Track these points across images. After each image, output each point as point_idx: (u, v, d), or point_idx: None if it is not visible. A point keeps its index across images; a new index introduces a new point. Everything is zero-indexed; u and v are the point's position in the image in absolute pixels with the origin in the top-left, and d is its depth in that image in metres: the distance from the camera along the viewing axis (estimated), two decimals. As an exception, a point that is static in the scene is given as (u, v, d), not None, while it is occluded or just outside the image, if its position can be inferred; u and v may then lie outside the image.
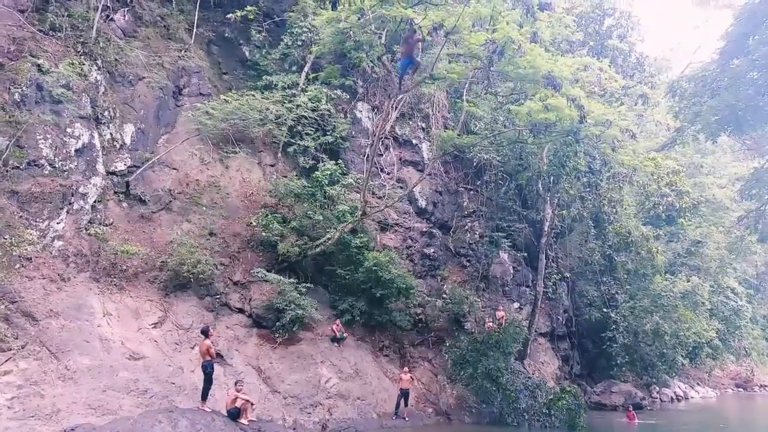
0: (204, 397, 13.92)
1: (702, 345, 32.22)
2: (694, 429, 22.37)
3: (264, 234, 19.17)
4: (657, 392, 31.25)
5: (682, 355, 31.75)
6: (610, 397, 26.80)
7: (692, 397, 34.45)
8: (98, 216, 16.46)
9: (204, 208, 18.60)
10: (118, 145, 17.81)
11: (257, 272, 18.42)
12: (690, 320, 29.57)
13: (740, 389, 42.41)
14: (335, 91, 22.41)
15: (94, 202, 16.39)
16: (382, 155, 24.36)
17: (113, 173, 17.41)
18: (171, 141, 19.27)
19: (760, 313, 47.28)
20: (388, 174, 24.42)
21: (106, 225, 16.51)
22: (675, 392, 32.97)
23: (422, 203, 25.35)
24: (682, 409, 30.20)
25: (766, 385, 44.56)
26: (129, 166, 17.81)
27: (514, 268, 27.61)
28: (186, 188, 18.75)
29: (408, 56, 16.21)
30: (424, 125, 26.31)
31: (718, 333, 33.97)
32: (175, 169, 18.92)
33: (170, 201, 18.35)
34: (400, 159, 25.20)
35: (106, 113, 17.42)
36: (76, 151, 16.00)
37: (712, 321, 33.06)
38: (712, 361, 37.40)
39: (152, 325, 15.75)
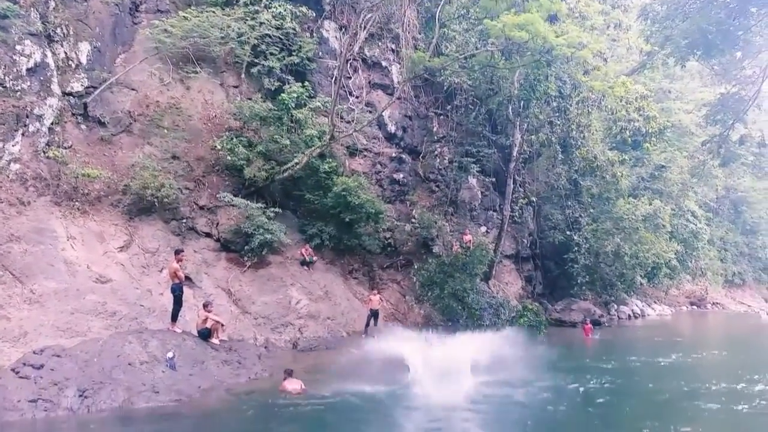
0: (174, 318, 14.12)
1: (660, 265, 33.55)
2: (647, 344, 23.69)
3: (229, 158, 18.85)
4: (615, 310, 32.74)
5: (640, 275, 33.12)
6: (570, 315, 27.98)
7: (648, 315, 36.22)
8: (56, 138, 15.93)
9: (165, 130, 18.08)
10: (73, 65, 17.00)
11: (224, 197, 18.25)
12: (650, 242, 30.65)
13: (694, 307, 44.70)
14: (300, 8, 21.50)
15: (51, 124, 15.79)
16: (350, 78, 23.80)
17: (69, 94, 16.70)
18: (129, 61, 18.46)
19: (717, 235, 49.26)
20: (357, 97, 23.97)
21: (65, 148, 16.02)
22: (632, 310, 34.59)
23: (391, 128, 25.10)
24: (639, 325, 31.79)
25: (718, 303, 47.07)
26: (86, 87, 17.09)
27: (482, 192, 27.95)
28: (146, 110, 18.17)
29: None
30: (393, 46, 25.61)
31: (677, 254, 35.33)
32: (134, 90, 18.24)
33: (130, 123, 17.80)
34: (369, 82, 24.69)
35: (58, 30, 16.50)
36: (28, 70, 15.21)
37: (671, 243, 34.29)
38: (670, 280, 39.07)
39: (118, 249, 15.66)
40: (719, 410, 12.27)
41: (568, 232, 29.65)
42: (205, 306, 14.65)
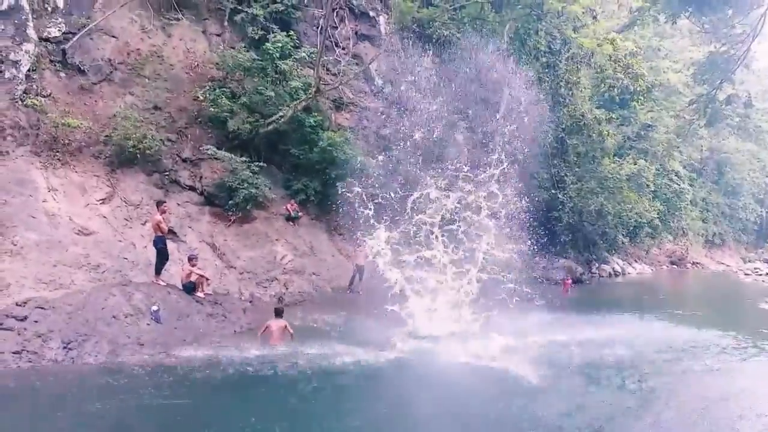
0: (158, 271, 14.02)
1: (642, 225, 33.98)
2: (617, 300, 24.19)
3: (212, 109, 18.38)
4: (596, 268, 33.26)
5: (622, 234, 33.58)
6: (552, 272, 28.39)
7: (629, 273, 36.90)
8: (34, 86, 15.38)
9: (147, 80, 17.54)
10: (49, 9, 16.28)
11: (207, 149, 17.90)
12: (633, 201, 30.95)
13: (674, 266, 45.59)
14: (285, -46, 20.71)
15: (28, 70, 15.21)
16: (336, 28, 23.18)
17: (47, 40, 16.04)
18: (108, 6, 17.68)
19: (699, 196, 49.88)
20: (343, 49, 23.40)
21: (44, 96, 15.49)
22: (613, 268, 35.21)
23: (379, 82, 24.66)
24: (619, 282, 32.42)
25: (698, 263, 48.04)
26: (64, 33, 16.41)
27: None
28: (127, 58, 17.56)
29: None
30: (382, -5, 24.95)
31: (659, 214, 35.77)
32: (114, 37, 17.58)
33: (111, 72, 17.23)
34: (356, 32, 24.08)
35: (31, -28, 15.74)
36: (1, 13, 14.58)
37: (654, 202, 34.65)
38: (651, 240, 39.66)
39: (100, 201, 15.37)
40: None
41: (553, 191, 29.75)
42: (189, 260, 14.57)
